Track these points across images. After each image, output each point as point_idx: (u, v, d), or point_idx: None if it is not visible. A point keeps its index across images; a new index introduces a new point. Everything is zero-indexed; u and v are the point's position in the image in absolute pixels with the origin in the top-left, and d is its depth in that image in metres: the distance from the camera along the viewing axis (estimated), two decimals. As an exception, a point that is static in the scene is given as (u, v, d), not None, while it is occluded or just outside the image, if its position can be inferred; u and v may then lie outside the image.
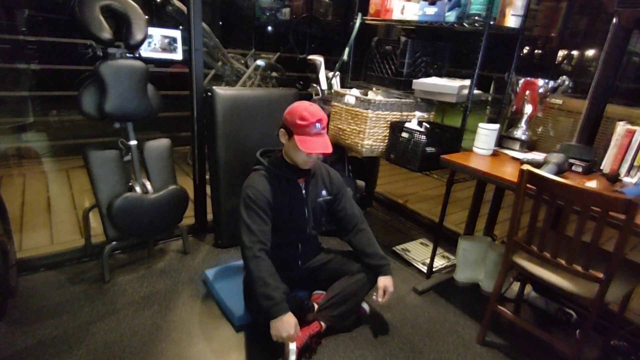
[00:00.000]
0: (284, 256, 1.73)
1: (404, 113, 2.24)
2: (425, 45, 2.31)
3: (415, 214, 3.09)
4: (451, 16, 2.02)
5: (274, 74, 3.79)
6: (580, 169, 1.79)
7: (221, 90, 2.18)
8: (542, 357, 1.77)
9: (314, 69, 2.70)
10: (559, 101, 2.06)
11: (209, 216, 2.50)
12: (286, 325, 1.45)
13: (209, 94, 2.17)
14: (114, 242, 2.00)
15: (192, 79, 2.20)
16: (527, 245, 1.56)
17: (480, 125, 1.99)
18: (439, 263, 2.40)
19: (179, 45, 2.19)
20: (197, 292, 1.97)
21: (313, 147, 1.55)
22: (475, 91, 2.02)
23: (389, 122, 2.20)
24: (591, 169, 1.80)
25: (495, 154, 2.04)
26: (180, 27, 2.55)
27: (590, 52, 4.03)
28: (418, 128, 2.06)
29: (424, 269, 2.29)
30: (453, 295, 2.14)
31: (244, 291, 1.80)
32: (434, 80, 2.18)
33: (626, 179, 1.70)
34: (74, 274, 2.03)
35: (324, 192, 1.78)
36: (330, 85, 2.69)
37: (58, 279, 1.98)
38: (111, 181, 1.94)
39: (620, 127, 1.72)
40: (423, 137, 2.00)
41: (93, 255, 2.16)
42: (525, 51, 4.19)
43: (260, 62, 3.57)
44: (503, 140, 2.13)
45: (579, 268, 1.41)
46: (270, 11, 4.91)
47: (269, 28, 5.10)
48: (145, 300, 1.88)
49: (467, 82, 2.04)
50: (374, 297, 1.70)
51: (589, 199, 1.31)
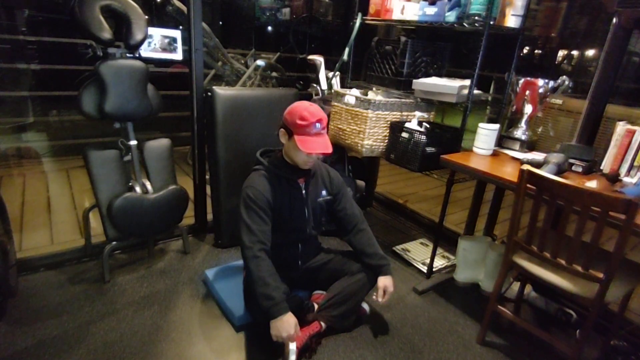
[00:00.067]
0: (284, 256, 1.73)
1: (404, 113, 2.24)
2: (425, 45, 2.31)
3: (415, 214, 3.09)
4: (451, 16, 2.02)
5: (274, 74, 3.79)
6: (580, 169, 1.79)
7: (221, 90, 2.18)
8: (542, 357, 1.77)
9: (314, 69, 2.70)
10: (559, 101, 2.06)
11: (209, 216, 2.50)
12: (286, 325, 1.45)
13: (209, 94, 2.17)
14: (114, 242, 2.00)
15: (192, 79, 2.21)
16: (527, 245, 1.56)
17: (480, 125, 1.99)
18: (439, 263, 2.40)
19: (179, 45, 2.19)
20: (197, 292, 1.97)
21: (313, 147, 1.55)
22: (475, 91, 2.02)
23: (389, 122, 2.20)
24: (591, 169, 1.80)
25: (495, 154, 2.04)
26: (180, 27, 2.55)
27: (590, 52, 4.03)
28: (418, 128, 2.06)
29: (424, 269, 2.29)
30: (453, 295, 2.14)
31: (244, 291, 1.80)
32: (434, 80, 2.18)
33: (626, 179, 1.70)
34: (74, 274, 2.03)
35: (324, 192, 1.78)
36: (330, 85, 2.69)
37: (58, 279, 1.98)
38: (111, 181, 1.94)
39: (620, 127, 1.72)
40: (423, 137, 2.00)
41: (93, 255, 2.16)
42: (525, 51, 4.18)
43: (260, 62, 3.57)
44: (503, 140, 2.13)
45: (579, 268, 1.41)
46: (270, 11, 4.91)
47: (269, 28, 5.10)
48: (145, 300, 1.88)
49: (467, 82, 2.03)
50: (374, 297, 1.70)
51: (589, 199, 1.31)
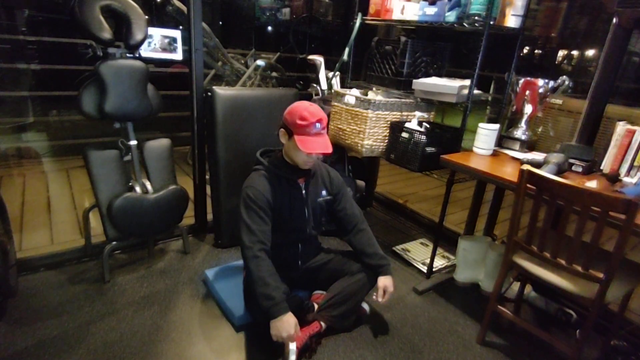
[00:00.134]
0: (284, 256, 1.73)
1: (404, 113, 2.24)
2: (425, 45, 2.31)
3: (415, 214, 3.09)
4: (451, 16, 2.02)
5: (274, 74, 3.79)
6: (580, 169, 1.79)
7: (221, 90, 2.18)
8: (542, 357, 1.77)
9: (314, 69, 2.70)
10: (559, 101, 2.05)
11: (209, 216, 2.50)
12: (286, 325, 1.45)
13: (209, 94, 2.17)
14: (114, 242, 2.00)
15: (192, 79, 2.21)
16: (527, 245, 1.56)
17: (480, 125, 1.99)
18: (439, 263, 2.40)
19: (179, 45, 2.19)
20: (197, 292, 1.97)
21: (313, 147, 1.55)
22: (475, 91, 2.02)
23: (389, 122, 2.20)
24: (591, 169, 1.80)
25: (495, 154, 2.04)
26: (180, 27, 2.55)
27: (590, 52, 4.03)
28: (418, 128, 2.06)
29: (424, 269, 2.29)
30: (453, 295, 2.14)
31: (244, 291, 1.80)
32: (434, 80, 2.18)
33: (626, 179, 1.70)
34: (74, 274, 2.03)
35: (324, 192, 1.78)
36: (330, 85, 2.69)
37: (58, 279, 1.98)
38: (111, 181, 1.94)
39: (620, 127, 1.72)
40: (423, 137, 2.00)
41: (93, 255, 2.16)
42: (525, 51, 4.18)
43: (260, 62, 3.57)
44: (503, 140, 2.13)
45: (579, 268, 1.41)
46: (270, 11, 4.91)
47: (269, 28, 5.10)
48: (145, 300, 1.88)
49: (467, 82, 2.03)
50: (374, 297, 1.70)
51: (589, 199, 1.31)
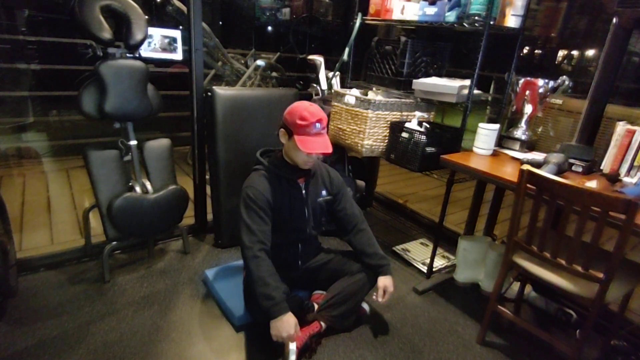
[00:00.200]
0: (284, 256, 1.73)
1: (404, 113, 2.24)
2: (425, 45, 2.31)
3: (415, 214, 3.09)
4: (451, 16, 2.02)
5: (274, 74, 3.79)
6: (580, 169, 1.79)
7: (221, 90, 2.18)
8: (542, 357, 1.77)
9: (314, 69, 2.70)
10: (559, 101, 2.05)
11: (209, 216, 2.50)
12: (286, 325, 1.45)
13: (209, 94, 2.17)
14: (114, 242, 2.00)
15: (192, 79, 2.21)
16: (527, 245, 1.56)
17: (480, 125, 1.99)
18: (439, 263, 2.40)
19: (179, 45, 2.19)
20: (197, 292, 1.97)
21: (313, 147, 1.55)
22: (475, 91, 2.02)
23: (389, 122, 2.20)
24: (591, 169, 1.80)
25: (495, 154, 2.04)
26: (180, 27, 2.55)
27: (590, 52, 4.03)
28: (418, 128, 2.06)
29: (424, 269, 2.29)
30: (453, 295, 2.14)
31: (244, 291, 1.80)
32: (434, 80, 2.18)
33: (626, 179, 1.70)
34: (74, 274, 2.03)
35: (324, 192, 1.78)
36: (330, 85, 2.69)
37: (58, 279, 1.98)
38: (111, 181, 1.94)
39: (620, 127, 1.72)
40: (423, 137, 2.00)
41: (93, 255, 2.16)
42: (525, 51, 4.18)
43: (260, 62, 3.57)
44: (503, 140, 2.13)
45: (579, 268, 1.41)
46: (270, 11, 4.91)
47: (269, 28, 5.10)
48: (145, 300, 1.88)
49: (467, 82, 2.03)
50: (374, 297, 1.70)
51: (589, 199, 1.31)
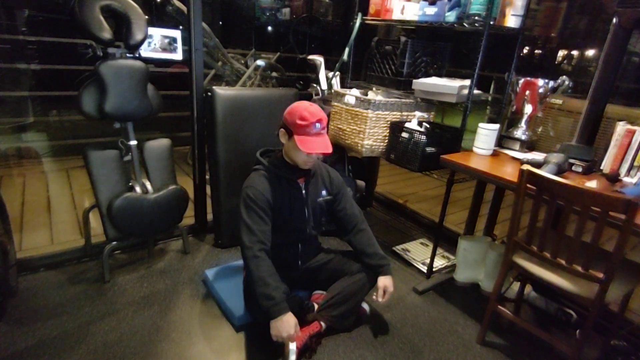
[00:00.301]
0: (284, 256, 1.73)
1: (404, 113, 2.24)
2: (425, 45, 2.31)
3: (415, 214, 3.09)
4: (451, 16, 2.02)
5: (274, 74, 3.79)
6: (580, 169, 1.79)
7: (221, 90, 2.18)
8: (542, 357, 1.77)
9: (314, 69, 2.70)
10: (559, 101, 2.06)
11: (209, 216, 2.50)
12: (286, 325, 1.45)
13: (209, 94, 2.17)
14: (114, 242, 2.00)
15: (192, 79, 2.21)
16: (527, 245, 1.56)
17: (480, 125, 1.99)
18: (439, 263, 2.40)
19: (179, 45, 2.19)
20: (197, 292, 1.97)
21: (313, 147, 1.55)
22: (475, 91, 2.02)
23: (389, 122, 2.20)
24: (591, 169, 1.80)
25: (495, 154, 2.04)
26: (180, 27, 2.55)
27: (590, 52, 4.03)
28: (418, 128, 2.06)
29: (424, 269, 2.29)
30: (453, 295, 2.14)
31: (244, 291, 1.80)
32: (434, 80, 2.18)
33: (626, 179, 1.70)
34: (74, 274, 2.03)
35: (324, 192, 1.78)
36: (330, 85, 2.69)
37: (58, 279, 1.98)
38: (111, 181, 1.94)
39: (620, 127, 1.72)
40: (423, 137, 2.00)
41: (93, 255, 2.16)
42: (525, 51, 4.18)
43: (260, 62, 3.57)
44: (503, 140, 2.13)
45: (579, 268, 1.41)
46: (270, 11, 4.91)
47: (269, 28, 5.10)
48: (145, 300, 1.88)
49: (467, 82, 2.03)
50: (374, 297, 1.70)
51: (589, 199, 1.31)
